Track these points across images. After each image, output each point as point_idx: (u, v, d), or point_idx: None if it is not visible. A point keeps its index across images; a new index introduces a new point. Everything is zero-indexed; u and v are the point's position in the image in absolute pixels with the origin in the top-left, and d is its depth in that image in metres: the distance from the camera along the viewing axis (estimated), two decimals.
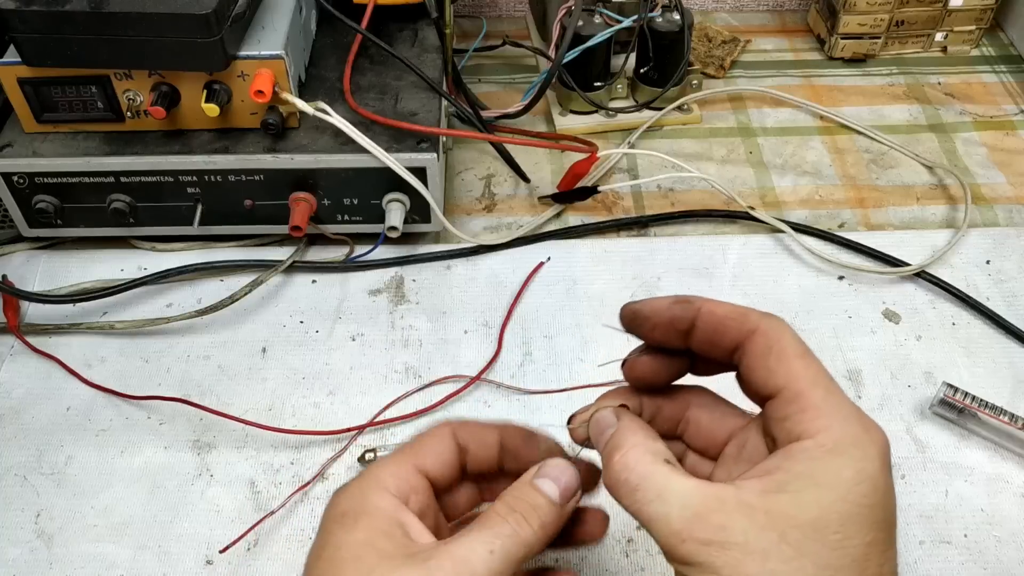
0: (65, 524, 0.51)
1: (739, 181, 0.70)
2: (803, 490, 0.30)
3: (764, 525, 0.29)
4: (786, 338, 0.33)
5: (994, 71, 0.81)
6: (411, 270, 0.64)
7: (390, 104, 0.62)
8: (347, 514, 0.34)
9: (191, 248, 0.64)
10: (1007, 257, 0.65)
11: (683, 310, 0.35)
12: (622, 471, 0.33)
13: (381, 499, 0.35)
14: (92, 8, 0.52)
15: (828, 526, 0.29)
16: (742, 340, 0.34)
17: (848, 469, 0.30)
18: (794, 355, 0.33)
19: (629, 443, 0.33)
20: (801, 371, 0.32)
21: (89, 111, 0.58)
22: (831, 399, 0.32)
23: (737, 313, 0.34)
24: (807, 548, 0.29)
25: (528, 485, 0.35)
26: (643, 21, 0.69)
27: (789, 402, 0.32)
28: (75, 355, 0.58)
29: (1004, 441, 0.53)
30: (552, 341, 0.59)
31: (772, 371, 0.33)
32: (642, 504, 0.32)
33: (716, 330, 0.34)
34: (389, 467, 0.36)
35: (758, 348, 0.33)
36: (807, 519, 0.30)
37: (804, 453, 0.31)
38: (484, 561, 0.32)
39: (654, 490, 0.32)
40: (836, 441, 0.31)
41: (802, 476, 0.30)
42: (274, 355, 0.59)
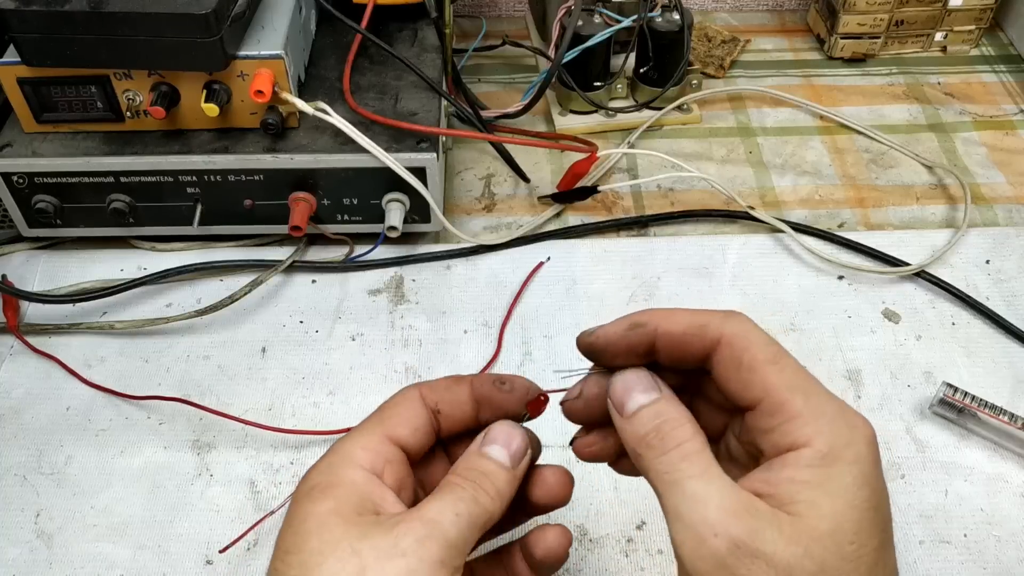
0: (65, 524, 0.51)
1: (739, 181, 0.70)
2: (816, 501, 0.29)
3: (790, 538, 0.28)
4: (754, 344, 0.32)
5: (994, 71, 0.81)
6: (411, 270, 0.64)
7: (390, 104, 0.62)
8: (316, 487, 0.33)
9: (191, 248, 0.64)
10: (1007, 257, 0.65)
11: (638, 335, 0.34)
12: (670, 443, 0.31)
13: (352, 472, 0.34)
14: (92, 8, 0.52)
15: (845, 536, 0.29)
16: (708, 351, 0.33)
17: (848, 474, 0.30)
18: (765, 361, 0.32)
19: (677, 417, 0.32)
20: (776, 380, 0.31)
21: (89, 111, 0.58)
22: (813, 402, 0.31)
23: (696, 326, 0.33)
24: (828, 562, 0.28)
25: (476, 454, 0.35)
26: (643, 21, 0.69)
27: (771, 414, 0.31)
28: (75, 355, 0.58)
29: (1004, 441, 0.53)
30: (552, 341, 0.59)
31: (746, 383, 0.32)
32: (683, 480, 0.30)
33: (677, 347, 0.33)
34: (359, 440, 0.35)
35: (726, 360, 0.32)
36: (825, 531, 0.29)
37: (803, 462, 0.30)
38: (452, 523, 0.32)
39: (698, 470, 0.30)
40: (830, 446, 0.30)
41: (810, 486, 0.29)
42: (274, 355, 0.59)
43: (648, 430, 0.32)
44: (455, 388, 0.37)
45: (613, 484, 0.52)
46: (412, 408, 0.37)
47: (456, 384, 0.38)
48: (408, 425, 0.36)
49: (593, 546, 0.50)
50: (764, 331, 0.33)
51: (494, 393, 0.37)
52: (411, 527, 0.31)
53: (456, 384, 0.38)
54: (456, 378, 0.38)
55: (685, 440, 0.31)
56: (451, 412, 0.37)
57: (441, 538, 0.31)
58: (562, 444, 0.39)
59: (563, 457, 0.39)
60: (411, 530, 0.31)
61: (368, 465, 0.34)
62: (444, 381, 0.38)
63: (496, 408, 0.37)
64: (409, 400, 0.37)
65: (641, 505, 0.51)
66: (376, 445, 0.35)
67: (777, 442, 0.31)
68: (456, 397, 0.37)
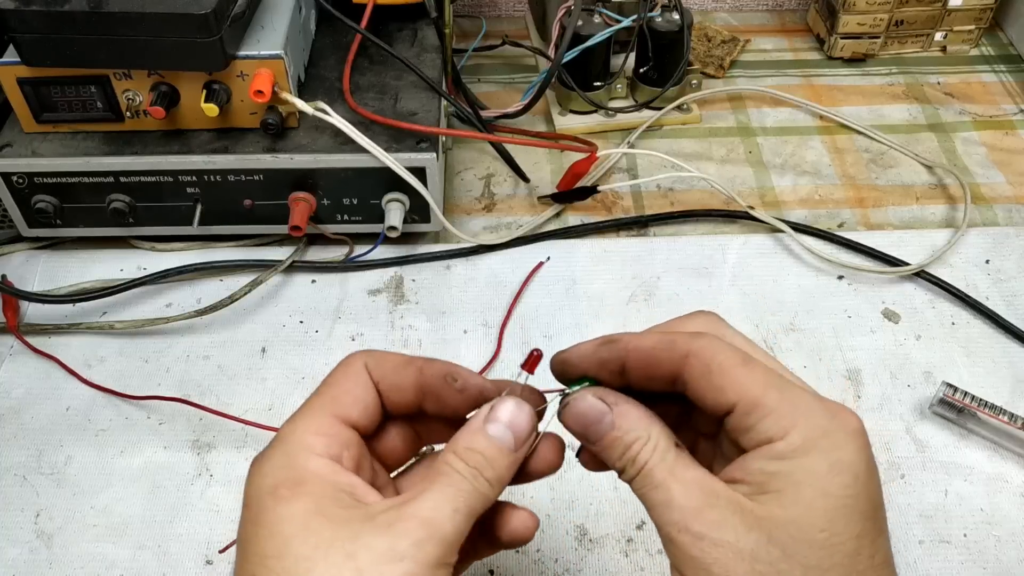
0: (65, 524, 0.51)
1: (738, 181, 0.70)
2: (783, 490, 0.30)
3: (752, 525, 0.29)
4: (721, 352, 0.32)
5: (993, 71, 0.81)
6: (411, 270, 0.64)
7: (389, 104, 0.62)
8: (280, 485, 0.31)
9: (190, 248, 0.64)
10: (1006, 257, 0.65)
11: (610, 351, 0.34)
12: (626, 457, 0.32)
13: (314, 463, 0.32)
14: (91, 8, 0.52)
15: (814, 524, 0.29)
16: (678, 368, 0.33)
17: (822, 463, 0.30)
18: (734, 366, 0.32)
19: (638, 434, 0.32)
20: (747, 380, 0.31)
21: (88, 111, 0.58)
22: (787, 397, 0.31)
23: (665, 342, 0.33)
24: (794, 549, 0.29)
25: (480, 433, 0.33)
26: (642, 21, 0.69)
27: (747, 414, 0.31)
28: (75, 355, 0.58)
29: (1004, 441, 0.53)
30: (552, 341, 0.59)
31: (719, 389, 0.32)
32: (648, 489, 0.31)
33: (649, 364, 0.33)
34: (309, 424, 0.33)
35: (697, 371, 0.32)
36: (790, 519, 0.29)
37: (775, 453, 0.30)
38: (450, 520, 0.31)
39: (660, 479, 0.31)
40: (804, 437, 0.30)
41: (779, 476, 0.30)
42: (274, 355, 0.59)
43: (616, 460, 0.33)
44: (401, 371, 0.35)
45: (613, 484, 0.52)
46: (359, 383, 0.34)
47: (404, 367, 0.35)
48: (358, 404, 0.34)
49: (593, 546, 0.50)
50: (736, 335, 0.34)
51: (443, 388, 0.35)
52: (409, 528, 0.30)
53: (404, 367, 0.35)
54: (406, 360, 0.35)
55: (647, 458, 0.32)
56: (391, 395, 0.35)
57: (440, 539, 0.30)
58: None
59: None
60: (409, 531, 0.30)
61: (326, 452, 0.32)
62: (392, 360, 0.35)
63: (442, 404, 0.35)
64: (355, 374, 0.35)
65: (641, 505, 0.51)
66: (328, 428, 0.33)
67: (755, 439, 0.31)
68: (400, 381, 0.35)
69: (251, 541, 0.30)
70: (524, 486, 0.51)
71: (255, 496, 0.31)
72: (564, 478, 0.52)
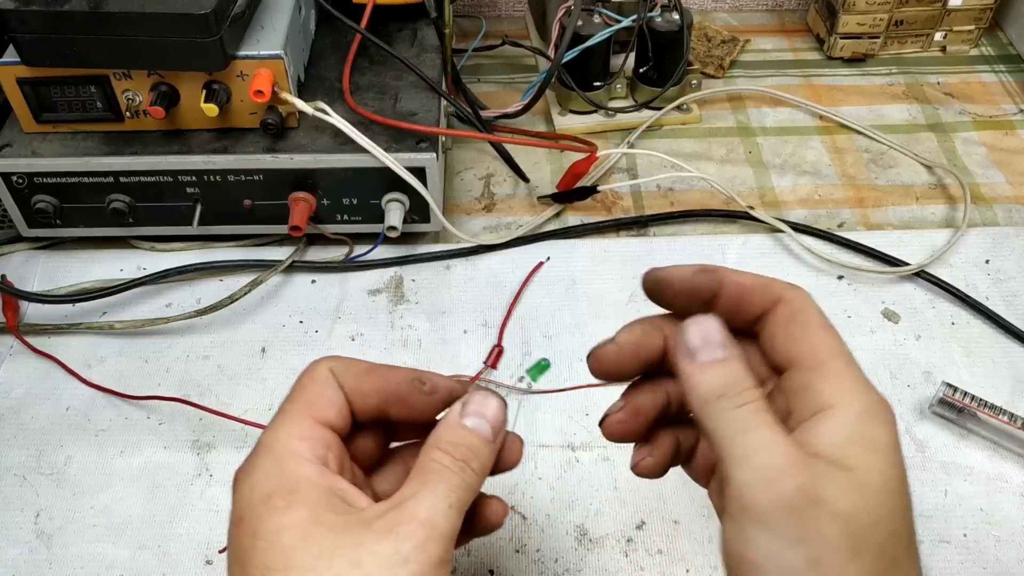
0: (64, 524, 0.51)
1: (738, 181, 0.70)
2: (864, 457, 0.30)
3: (849, 488, 0.29)
4: (810, 308, 0.33)
5: (993, 71, 0.81)
6: (410, 270, 0.64)
7: (389, 104, 0.62)
8: (273, 495, 0.31)
9: (190, 248, 0.64)
10: (1006, 257, 0.65)
11: (707, 279, 0.34)
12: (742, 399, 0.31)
13: (304, 469, 0.32)
14: (91, 8, 0.52)
15: (894, 491, 0.30)
16: (766, 309, 0.34)
17: (886, 435, 0.31)
18: (817, 325, 0.33)
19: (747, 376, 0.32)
20: (822, 341, 0.32)
21: (88, 111, 0.58)
22: (850, 370, 0.32)
23: (761, 283, 0.34)
24: (882, 515, 0.29)
25: (459, 427, 0.33)
26: (642, 21, 0.69)
27: (810, 370, 0.32)
28: (74, 355, 0.58)
29: (1003, 441, 0.53)
30: (552, 341, 0.59)
31: (794, 339, 0.33)
32: (752, 428, 0.30)
33: (740, 300, 0.34)
34: (292, 429, 0.33)
35: (782, 316, 0.33)
36: (879, 485, 0.30)
37: (844, 419, 0.31)
38: (447, 517, 0.31)
39: (767, 422, 0.31)
40: (865, 408, 0.31)
41: (855, 443, 0.30)
42: (273, 355, 0.59)
43: (721, 384, 0.32)
44: (364, 378, 0.35)
45: (613, 484, 0.52)
46: (330, 387, 0.35)
47: (367, 375, 0.35)
48: (333, 406, 0.34)
49: (593, 546, 0.50)
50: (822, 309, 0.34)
51: (412, 393, 0.35)
52: (410, 530, 0.30)
53: (367, 375, 0.35)
54: (370, 367, 0.36)
55: (757, 397, 0.31)
56: (356, 402, 0.35)
57: (440, 538, 0.31)
58: (562, 444, 0.39)
59: (565, 457, 0.39)
60: (411, 534, 0.30)
61: (313, 456, 0.32)
62: (356, 366, 0.35)
63: (410, 409, 0.35)
64: (324, 380, 0.35)
65: (641, 505, 0.51)
66: (311, 432, 0.33)
67: (811, 401, 0.31)
68: (364, 388, 0.35)
69: (250, 554, 0.30)
70: (524, 487, 0.52)
71: (247, 507, 0.31)
72: (564, 478, 0.52)
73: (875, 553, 0.29)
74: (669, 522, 0.50)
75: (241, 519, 0.31)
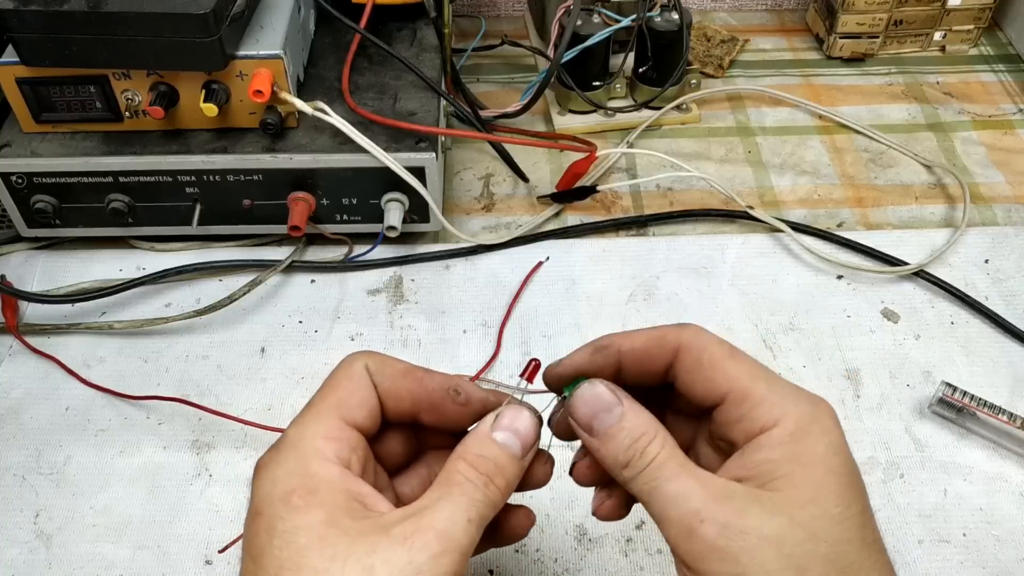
0: (64, 524, 0.51)
1: (738, 180, 0.70)
2: (793, 473, 0.30)
3: (773, 510, 0.30)
4: (710, 345, 0.33)
5: (992, 70, 0.81)
6: (410, 270, 0.64)
7: (389, 104, 0.62)
8: (293, 493, 0.31)
9: (190, 248, 0.64)
10: (1006, 256, 0.65)
11: (604, 357, 0.35)
12: (634, 448, 0.32)
13: (326, 470, 0.31)
14: (90, 8, 0.52)
15: (828, 500, 0.30)
16: (669, 362, 0.34)
17: (820, 444, 0.31)
18: (723, 358, 0.33)
19: (646, 430, 0.32)
20: (736, 371, 0.33)
21: (88, 111, 0.58)
22: (774, 387, 0.32)
23: (655, 338, 0.34)
24: (816, 527, 0.29)
25: (489, 441, 0.33)
26: (642, 20, 0.69)
27: (738, 404, 0.32)
28: (74, 355, 0.58)
29: (1003, 440, 0.53)
30: (551, 341, 0.59)
31: (711, 380, 0.33)
32: (661, 485, 0.31)
33: (642, 363, 0.34)
34: (319, 428, 0.33)
35: (689, 364, 0.33)
36: (808, 498, 0.30)
37: (775, 440, 0.31)
38: (465, 531, 0.31)
39: (673, 472, 0.31)
40: (797, 423, 0.31)
41: (785, 461, 0.31)
42: (273, 355, 0.59)
43: (622, 451, 0.32)
44: (401, 380, 0.35)
45: None
46: (363, 386, 0.34)
47: (404, 376, 0.35)
48: (364, 407, 0.34)
49: (592, 546, 0.50)
50: (714, 334, 0.34)
51: (445, 402, 0.35)
52: (426, 541, 0.30)
53: (404, 376, 0.35)
54: (407, 369, 0.35)
55: (658, 451, 0.32)
56: (388, 403, 0.35)
57: (455, 550, 0.30)
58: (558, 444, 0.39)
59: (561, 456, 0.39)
60: (426, 545, 0.30)
61: (336, 458, 0.32)
62: (393, 366, 0.35)
63: (443, 417, 0.35)
64: (358, 377, 0.34)
65: (641, 505, 0.51)
66: (338, 432, 0.33)
67: (748, 429, 0.32)
68: (399, 390, 0.35)
69: (265, 550, 0.30)
70: None
71: (266, 502, 0.31)
72: (564, 478, 0.52)
73: (821, 567, 0.29)
74: None
75: (259, 513, 0.31)
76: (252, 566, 0.31)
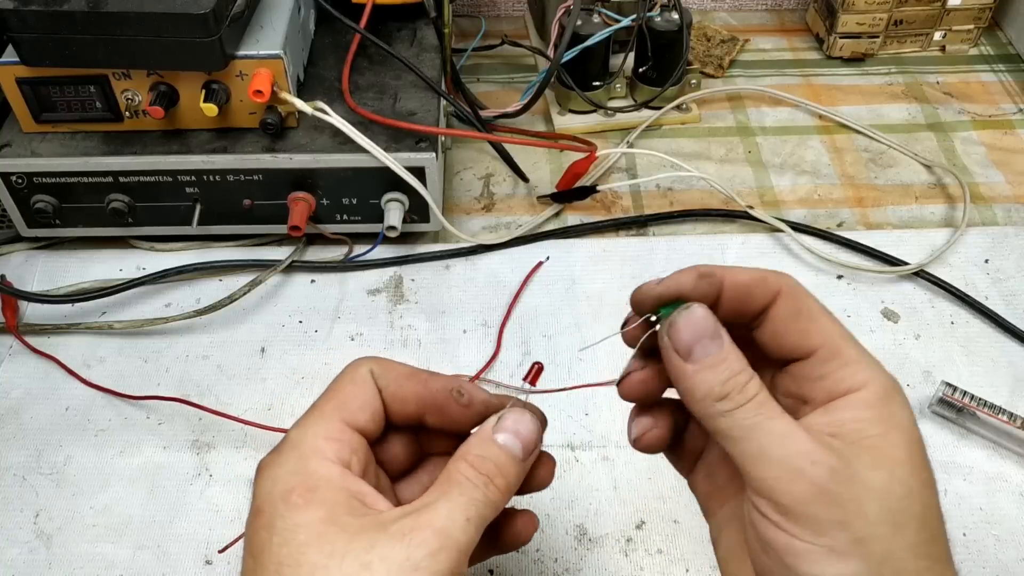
0: (64, 524, 0.51)
1: (738, 180, 0.70)
2: (887, 433, 0.30)
3: (874, 464, 0.29)
4: (808, 297, 0.33)
5: (992, 70, 0.81)
6: (410, 270, 0.64)
7: (389, 104, 0.62)
8: (293, 491, 0.31)
9: (190, 248, 0.64)
10: (1006, 256, 0.65)
11: (708, 285, 0.33)
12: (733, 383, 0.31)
13: (326, 469, 0.32)
14: (90, 8, 0.52)
15: (920, 464, 0.30)
16: (767, 304, 0.33)
17: (905, 412, 0.31)
18: (820, 313, 0.33)
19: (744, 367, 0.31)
20: (832, 328, 0.33)
21: (88, 111, 0.58)
22: (863, 352, 0.32)
23: (758, 278, 0.33)
24: (912, 487, 0.29)
25: (490, 442, 0.33)
26: (642, 20, 0.69)
27: (826, 361, 0.32)
28: (74, 355, 0.58)
29: (1003, 440, 0.53)
30: (551, 340, 0.59)
31: (805, 332, 0.32)
32: (764, 422, 0.30)
33: (741, 299, 0.33)
34: (319, 429, 0.33)
35: (785, 311, 0.33)
36: (904, 457, 0.30)
37: (864, 402, 0.31)
38: (463, 530, 0.31)
39: (777, 411, 0.30)
40: (884, 389, 0.31)
41: (877, 421, 0.30)
42: (273, 355, 0.59)
43: (720, 383, 0.31)
44: (405, 383, 0.35)
45: (613, 484, 0.52)
46: (366, 390, 0.35)
47: (408, 379, 0.35)
48: (367, 410, 0.34)
49: (592, 546, 0.50)
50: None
51: (449, 403, 0.35)
52: (424, 538, 0.30)
53: (408, 379, 0.35)
54: (411, 372, 0.36)
55: (758, 390, 0.31)
56: (393, 406, 0.35)
57: (453, 548, 0.30)
58: (560, 444, 0.39)
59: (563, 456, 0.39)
60: (424, 541, 0.30)
61: (337, 458, 0.32)
62: (397, 370, 0.35)
63: (446, 419, 0.35)
64: (362, 381, 0.35)
65: (641, 505, 0.51)
66: (339, 434, 0.33)
67: (832, 388, 0.31)
68: (404, 393, 0.35)
69: (264, 548, 0.31)
70: None
71: (267, 501, 0.31)
72: (564, 478, 0.52)
73: (916, 525, 0.29)
74: (669, 522, 0.50)
75: (260, 512, 0.31)
76: (252, 563, 0.31)
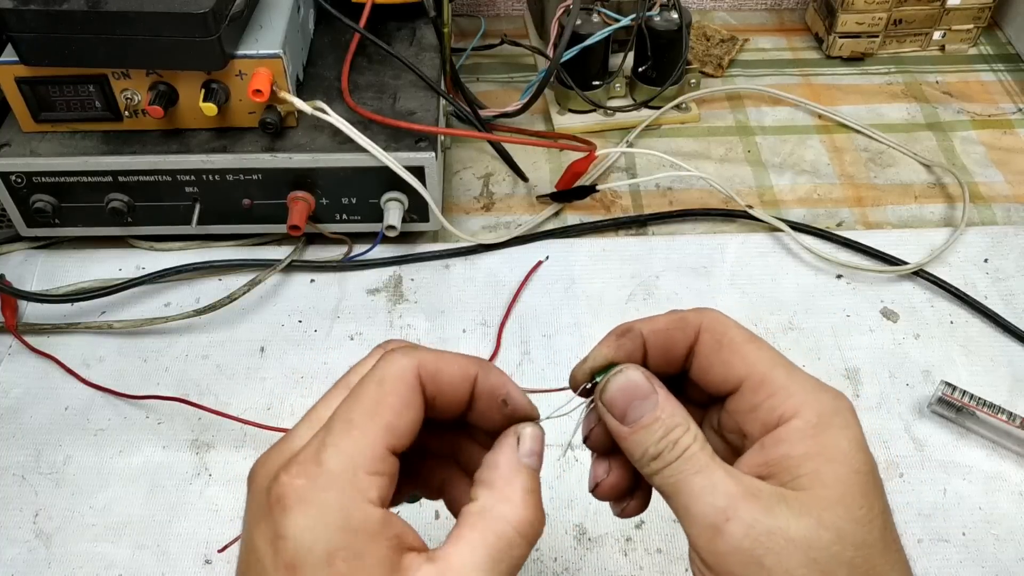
0: (63, 524, 0.51)
1: (737, 180, 0.70)
2: (819, 471, 0.29)
3: (800, 511, 0.28)
4: (731, 328, 0.32)
5: (992, 70, 0.81)
6: (409, 269, 0.64)
7: (388, 103, 0.62)
8: (337, 556, 0.27)
9: (189, 247, 0.64)
10: (1005, 256, 0.65)
11: (630, 341, 0.33)
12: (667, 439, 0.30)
13: (372, 523, 0.28)
14: (90, 7, 0.52)
15: (854, 500, 0.29)
16: (691, 344, 0.33)
17: (842, 440, 0.30)
18: (744, 341, 0.32)
19: (679, 421, 0.31)
20: (756, 357, 0.31)
21: (87, 110, 0.58)
22: (794, 376, 0.31)
23: (676, 320, 0.33)
24: (844, 530, 0.28)
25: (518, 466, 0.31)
26: (641, 20, 0.69)
27: (755, 390, 0.31)
28: (73, 355, 0.58)
29: (1002, 439, 0.54)
30: (551, 340, 0.59)
31: (729, 364, 0.32)
32: (687, 478, 0.30)
33: (665, 345, 0.33)
34: (362, 460, 0.28)
35: (707, 346, 0.32)
36: (834, 498, 0.28)
37: (796, 434, 0.30)
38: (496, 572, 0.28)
39: (701, 465, 0.30)
40: (818, 415, 0.30)
41: (809, 457, 0.29)
42: (273, 354, 0.59)
43: (653, 443, 0.31)
44: (459, 386, 0.32)
45: None
46: (415, 406, 0.30)
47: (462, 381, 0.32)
48: (411, 430, 0.30)
49: (592, 545, 0.50)
50: (734, 319, 0.33)
51: (491, 410, 0.33)
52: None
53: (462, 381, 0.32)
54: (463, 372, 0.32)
55: (690, 443, 0.30)
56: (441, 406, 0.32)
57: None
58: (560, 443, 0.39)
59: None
60: None
61: (380, 500, 0.28)
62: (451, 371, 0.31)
63: (485, 421, 0.33)
64: (411, 390, 0.30)
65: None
66: (381, 465, 0.28)
67: (765, 418, 0.31)
68: (456, 397, 0.32)
69: None
70: None
71: (307, 560, 0.27)
72: (563, 478, 0.52)
73: (846, 571, 0.28)
74: (668, 521, 0.50)
75: (294, 568, 0.27)
76: None
